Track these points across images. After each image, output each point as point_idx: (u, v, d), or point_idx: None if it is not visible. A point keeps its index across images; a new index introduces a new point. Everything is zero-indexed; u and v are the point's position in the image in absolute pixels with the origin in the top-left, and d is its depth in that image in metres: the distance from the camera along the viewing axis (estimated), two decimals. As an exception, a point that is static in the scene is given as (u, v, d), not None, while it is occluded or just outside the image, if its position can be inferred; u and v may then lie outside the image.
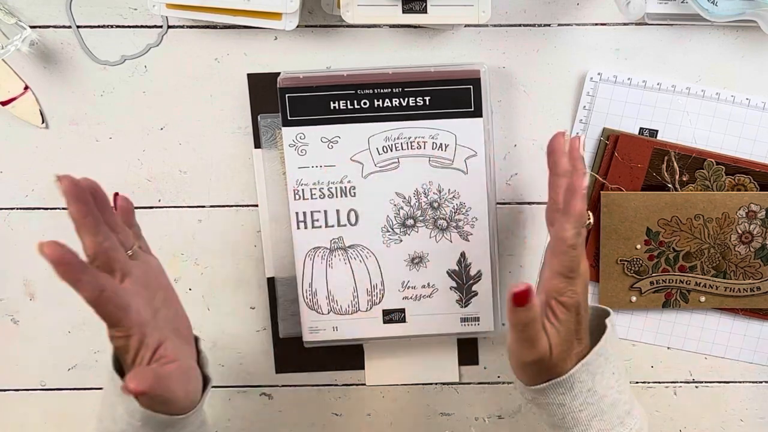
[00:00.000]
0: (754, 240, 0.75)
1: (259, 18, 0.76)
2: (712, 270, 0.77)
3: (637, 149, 0.74)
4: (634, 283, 0.78)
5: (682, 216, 0.75)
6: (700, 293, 0.79)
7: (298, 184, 0.81)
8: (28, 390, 0.89)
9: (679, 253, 0.76)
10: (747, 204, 0.74)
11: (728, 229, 0.75)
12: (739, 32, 0.79)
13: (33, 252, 0.85)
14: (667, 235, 0.75)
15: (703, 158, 0.74)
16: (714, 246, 0.76)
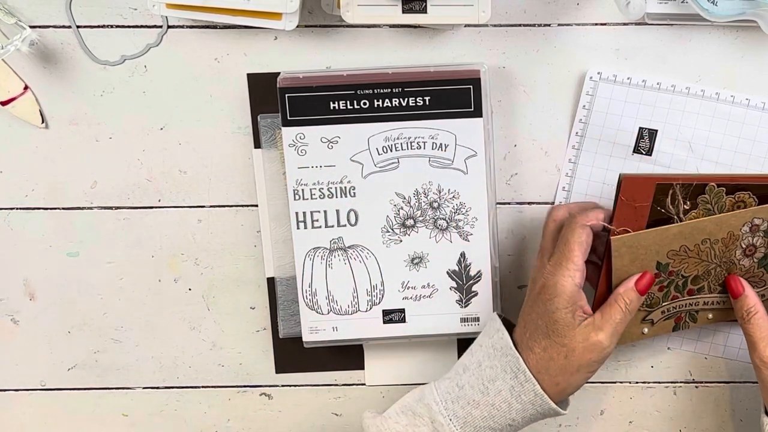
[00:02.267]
0: (758, 251, 0.75)
1: (259, 18, 0.76)
2: (719, 287, 0.77)
3: (641, 188, 0.72)
4: (646, 315, 0.77)
5: (690, 243, 0.74)
6: (707, 311, 0.78)
7: (298, 184, 0.81)
8: (28, 390, 0.89)
9: (687, 278, 0.76)
10: (750, 219, 0.73)
11: (733, 246, 0.74)
12: (739, 32, 0.79)
13: (33, 252, 0.85)
14: (676, 264, 0.74)
15: (704, 183, 0.72)
16: (720, 264, 0.75)
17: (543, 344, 0.72)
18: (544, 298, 0.72)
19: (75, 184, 0.84)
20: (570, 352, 0.71)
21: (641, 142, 0.81)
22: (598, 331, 0.71)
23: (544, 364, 0.72)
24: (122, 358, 0.88)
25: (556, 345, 0.71)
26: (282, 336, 0.86)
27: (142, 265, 0.86)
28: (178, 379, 0.89)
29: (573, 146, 0.82)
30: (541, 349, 0.72)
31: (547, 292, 0.72)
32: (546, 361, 0.72)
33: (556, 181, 0.83)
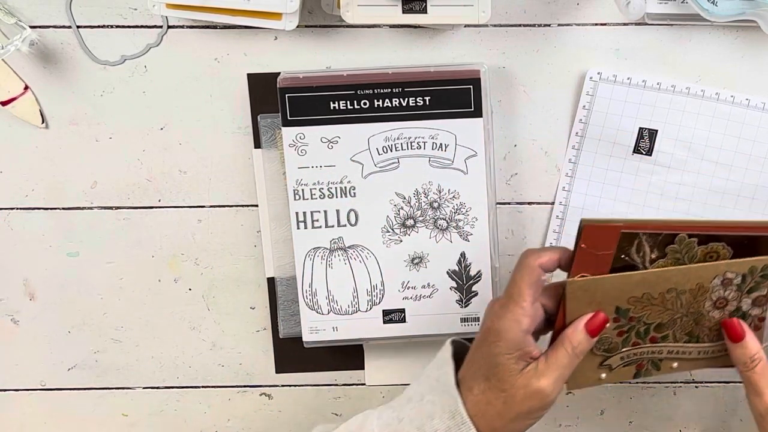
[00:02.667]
0: (729, 304, 0.70)
1: (259, 18, 0.76)
2: (685, 336, 0.71)
3: (604, 236, 0.66)
4: (604, 360, 0.71)
5: (654, 291, 0.68)
6: (672, 360, 0.73)
7: (298, 184, 0.81)
8: (28, 390, 0.89)
9: (650, 325, 0.70)
10: (722, 273, 0.68)
11: (702, 298, 0.69)
12: (739, 32, 0.79)
13: (33, 252, 0.85)
14: (638, 310, 0.69)
15: (675, 233, 0.67)
16: (687, 314, 0.70)
17: (482, 386, 0.67)
18: (489, 341, 0.67)
19: (75, 184, 0.84)
20: (509, 399, 0.66)
21: (641, 142, 0.81)
22: (540, 378, 0.66)
23: (481, 407, 0.67)
24: (122, 358, 0.88)
25: (495, 390, 0.66)
26: (282, 336, 0.86)
27: (142, 265, 0.86)
28: (178, 379, 0.89)
29: (573, 146, 0.82)
30: (480, 392, 0.67)
31: (491, 335, 0.67)
32: (484, 404, 0.67)
33: (556, 181, 0.83)
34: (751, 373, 0.69)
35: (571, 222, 0.83)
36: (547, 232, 0.84)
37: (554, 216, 0.84)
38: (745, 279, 0.68)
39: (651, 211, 0.83)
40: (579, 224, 0.66)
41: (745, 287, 0.68)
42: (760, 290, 0.69)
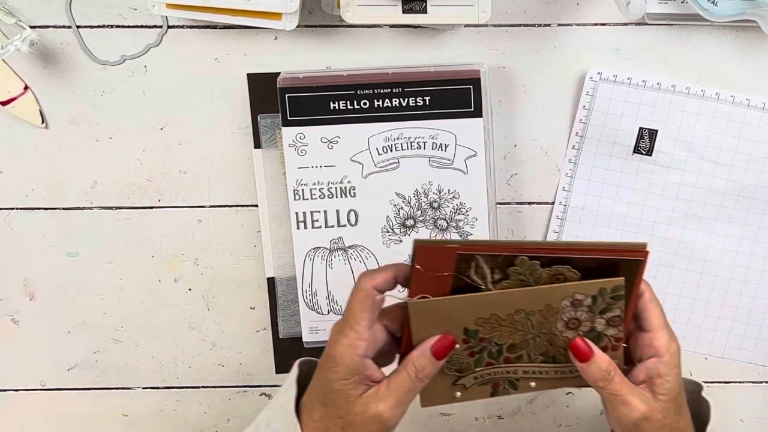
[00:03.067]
0: (582, 325, 0.67)
1: (259, 18, 0.76)
2: (540, 356, 0.68)
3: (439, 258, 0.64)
4: (457, 380, 0.69)
5: (502, 313, 0.66)
6: (529, 380, 0.70)
7: (298, 184, 0.81)
8: (28, 390, 0.89)
9: (502, 346, 0.67)
10: (571, 294, 0.66)
11: (553, 319, 0.67)
12: (739, 32, 0.79)
13: (33, 252, 0.85)
14: (487, 331, 0.66)
15: (515, 255, 0.65)
16: (539, 335, 0.67)
17: (321, 412, 0.65)
18: (326, 366, 0.65)
19: (75, 184, 0.84)
20: (347, 425, 0.64)
21: (641, 142, 0.81)
22: (378, 403, 0.64)
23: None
24: (122, 358, 0.88)
25: (333, 416, 0.65)
26: (282, 336, 0.86)
27: (142, 265, 0.86)
28: (178, 379, 0.89)
29: (573, 146, 0.82)
30: (319, 417, 0.65)
31: (328, 361, 0.65)
32: (323, 430, 0.65)
33: (556, 181, 0.83)
34: (612, 385, 0.66)
35: (571, 222, 0.83)
36: (547, 232, 0.84)
37: (554, 216, 0.84)
38: (596, 300, 0.65)
39: (651, 211, 0.83)
40: (413, 245, 0.64)
41: (596, 308, 0.66)
42: (613, 311, 0.66)
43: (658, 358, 0.66)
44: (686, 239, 0.83)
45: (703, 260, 0.84)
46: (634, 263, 0.65)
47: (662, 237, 0.83)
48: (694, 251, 0.84)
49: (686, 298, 0.85)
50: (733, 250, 0.83)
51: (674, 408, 0.67)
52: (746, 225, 0.83)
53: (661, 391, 0.66)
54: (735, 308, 0.85)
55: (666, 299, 0.84)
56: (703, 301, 0.85)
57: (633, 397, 0.66)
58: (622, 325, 0.67)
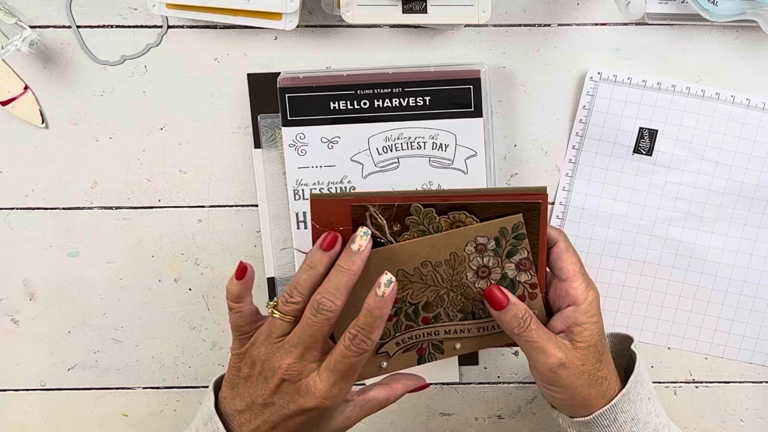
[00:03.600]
0: (492, 272, 0.66)
1: (259, 18, 0.76)
2: (459, 314, 0.68)
3: (334, 211, 0.64)
4: (379, 348, 0.68)
5: (408, 267, 0.65)
6: (453, 340, 0.69)
7: (298, 184, 0.81)
8: (28, 390, 0.89)
9: (417, 305, 0.67)
10: (473, 238, 0.64)
11: (461, 268, 0.66)
12: (739, 32, 0.79)
13: (33, 252, 0.85)
14: (398, 290, 0.65)
15: (408, 204, 0.64)
16: (452, 289, 0.66)
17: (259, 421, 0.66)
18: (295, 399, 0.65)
19: (75, 184, 0.84)
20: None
21: (641, 142, 0.81)
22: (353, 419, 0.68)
23: None
24: (122, 358, 0.88)
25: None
26: (282, 336, 0.86)
27: (142, 265, 0.86)
28: (178, 379, 0.89)
29: (573, 146, 0.82)
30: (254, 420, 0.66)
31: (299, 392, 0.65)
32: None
33: (556, 181, 0.83)
34: (527, 332, 0.66)
35: (571, 222, 0.83)
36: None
37: (554, 216, 0.84)
38: (499, 242, 0.65)
39: (651, 211, 0.83)
40: (309, 200, 0.64)
41: (502, 251, 0.65)
42: (520, 252, 0.65)
43: (575, 306, 0.67)
44: (686, 239, 0.83)
45: (703, 260, 0.84)
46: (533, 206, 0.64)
47: (662, 237, 0.83)
48: (694, 251, 0.84)
49: (686, 298, 0.85)
50: (733, 250, 0.83)
51: (594, 355, 0.67)
52: (746, 225, 0.83)
53: (579, 338, 0.66)
54: (735, 308, 0.85)
55: (666, 299, 0.84)
56: (703, 301, 0.85)
57: (549, 345, 0.66)
58: (533, 269, 0.66)
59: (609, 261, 0.84)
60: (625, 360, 0.73)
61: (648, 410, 0.69)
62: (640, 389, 0.69)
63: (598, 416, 0.67)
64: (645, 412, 0.68)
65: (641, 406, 0.68)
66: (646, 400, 0.69)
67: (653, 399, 0.70)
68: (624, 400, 0.67)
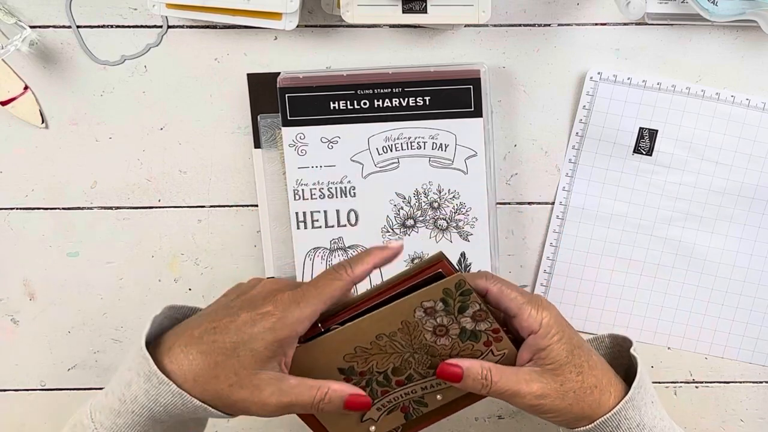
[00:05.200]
0: (450, 329, 0.66)
1: (259, 18, 0.76)
2: (430, 370, 0.67)
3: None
4: (363, 416, 0.68)
5: (364, 343, 0.65)
6: (432, 394, 0.69)
7: (298, 184, 0.81)
8: (28, 390, 0.89)
9: (385, 371, 0.67)
10: (419, 304, 0.64)
11: (417, 333, 0.65)
12: (739, 32, 0.79)
13: (33, 252, 0.85)
14: (362, 364, 0.66)
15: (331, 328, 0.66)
16: (416, 351, 0.66)
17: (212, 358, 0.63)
18: (260, 322, 0.63)
19: (75, 184, 0.84)
20: (235, 386, 0.63)
21: (641, 142, 0.81)
22: (275, 394, 0.63)
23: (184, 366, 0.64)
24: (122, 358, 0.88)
25: (227, 369, 0.63)
26: (282, 336, 0.86)
27: (142, 265, 0.86)
28: (178, 379, 0.89)
29: (573, 146, 0.82)
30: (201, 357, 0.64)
31: (265, 319, 0.63)
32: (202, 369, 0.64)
33: (556, 181, 0.83)
34: (495, 387, 0.66)
35: (571, 222, 0.83)
36: (547, 232, 0.84)
37: (554, 216, 0.84)
38: (447, 302, 0.64)
39: (651, 211, 0.83)
40: None
41: (453, 309, 0.65)
42: (472, 306, 0.65)
43: (534, 335, 0.67)
44: (686, 239, 0.83)
45: (703, 260, 0.84)
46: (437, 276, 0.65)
47: (662, 237, 0.83)
48: (694, 251, 0.84)
49: (686, 298, 0.85)
50: (733, 250, 0.83)
51: (571, 371, 0.66)
52: (746, 225, 0.83)
53: (548, 361, 0.66)
54: (735, 308, 0.85)
55: (666, 299, 0.84)
56: (703, 301, 0.85)
57: (520, 385, 0.66)
58: (490, 317, 0.66)
59: (609, 261, 0.84)
60: (625, 361, 0.72)
61: (653, 414, 0.68)
62: (644, 394, 0.68)
63: (600, 425, 0.66)
64: (650, 417, 0.68)
65: (646, 411, 0.68)
66: (650, 404, 0.68)
67: (656, 403, 0.70)
68: (628, 407, 0.67)
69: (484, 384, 0.66)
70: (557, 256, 0.84)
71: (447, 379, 0.67)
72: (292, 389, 0.64)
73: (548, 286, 0.85)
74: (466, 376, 0.66)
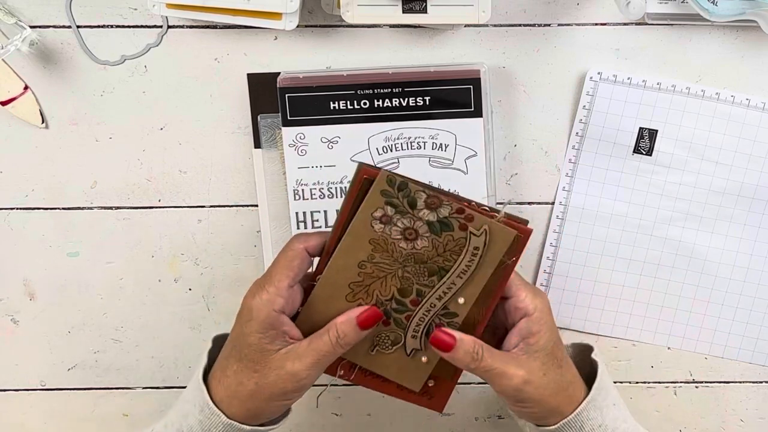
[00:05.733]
0: (417, 228, 0.65)
1: (259, 18, 0.76)
2: (433, 278, 0.67)
3: None
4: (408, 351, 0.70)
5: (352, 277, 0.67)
6: (452, 300, 0.68)
7: (298, 184, 0.81)
8: (28, 390, 0.89)
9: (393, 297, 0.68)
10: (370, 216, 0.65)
11: (390, 245, 0.66)
12: (739, 32, 0.79)
13: (33, 252, 0.85)
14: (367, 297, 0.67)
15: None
16: (404, 264, 0.66)
17: (235, 367, 0.66)
18: (242, 319, 0.67)
19: (75, 184, 0.84)
20: (261, 379, 0.65)
21: (641, 142, 0.81)
22: (296, 361, 0.65)
23: (233, 389, 0.66)
24: (122, 358, 0.88)
25: (248, 370, 0.66)
26: (282, 336, 0.86)
27: (142, 265, 0.86)
28: (178, 379, 0.89)
29: (573, 146, 0.82)
30: (233, 372, 0.66)
31: (244, 313, 0.67)
32: (235, 386, 0.66)
33: (556, 181, 0.83)
34: (483, 363, 0.66)
35: (571, 222, 0.83)
36: (548, 232, 0.84)
37: (554, 216, 0.84)
38: (393, 204, 0.64)
39: (651, 211, 0.83)
40: None
41: (405, 208, 0.65)
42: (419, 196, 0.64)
43: (527, 318, 0.67)
44: (686, 239, 0.83)
45: (703, 260, 0.84)
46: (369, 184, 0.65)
47: (662, 237, 0.83)
48: (694, 251, 0.84)
49: (686, 298, 0.85)
50: (733, 250, 0.83)
51: (553, 362, 0.67)
52: (746, 225, 0.83)
53: (536, 348, 0.67)
54: (735, 308, 0.85)
55: (666, 299, 0.84)
56: (703, 301, 0.85)
57: (508, 366, 0.66)
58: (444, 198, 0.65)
59: (609, 261, 0.84)
60: (587, 369, 0.72)
61: (615, 416, 0.69)
62: (605, 396, 0.69)
63: (564, 425, 0.67)
64: (612, 418, 0.69)
65: (608, 413, 0.69)
66: (611, 406, 0.69)
67: (619, 405, 0.70)
68: (589, 408, 0.68)
69: (474, 358, 0.66)
70: (557, 256, 0.84)
71: (438, 347, 0.67)
72: (308, 348, 0.66)
73: (548, 286, 0.85)
74: (457, 347, 0.66)
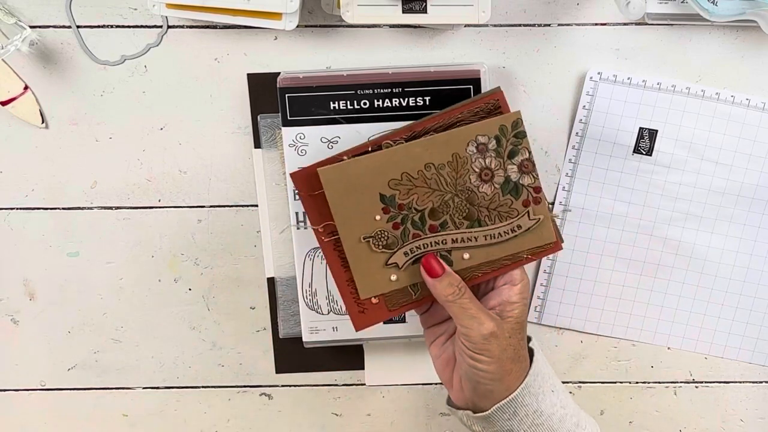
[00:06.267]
0: (495, 175, 0.67)
1: (259, 18, 0.76)
2: (465, 221, 0.69)
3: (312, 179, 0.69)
4: (388, 258, 0.70)
5: (412, 170, 0.67)
6: (461, 250, 0.70)
7: (298, 184, 0.81)
8: (28, 390, 0.89)
9: (423, 212, 0.69)
10: (474, 137, 0.66)
11: (464, 171, 0.67)
12: (739, 32, 0.79)
13: (33, 252, 0.85)
14: (404, 195, 0.68)
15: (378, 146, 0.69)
16: (457, 194, 0.68)
17: None
18: None
19: (75, 184, 0.84)
20: None
21: (641, 142, 0.81)
22: None
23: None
24: (122, 358, 0.88)
25: None
26: (282, 336, 0.86)
27: (142, 265, 0.86)
28: (178, 379, 0.89)
29: (573, 146, 0.82)
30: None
31: None
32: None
33: (556, 181, 0.83)
34: (462, 299, 0.69)
35: (571, 222, 0.83)
36: (547, 232, 0.84)
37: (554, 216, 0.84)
38: (500, 141, 0.66)
39: (651, 211, 0.83)
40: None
41: (503, 152, 0.67)
42: (521, 153, 0.67)
43: (511, 285, 0.71)
44: (686, 239, 0.83)
45: (703, 260, 0.84)
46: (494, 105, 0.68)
47: (662, 237, 0.83)
48: (694, 251, 0.84)
49: (686, 298, 0.85)
50: (733, 250, 0.83)
51: (519, 333, 0.70)
52: (746, 225, 0.83)
53: (510, 315, 0.70)
54: (735, 308, 0.85)
55: (666, 299, 0.84)
56: (703, 301, 0.85)
57: (482, 314, 0.69)
58: (535, 171, 0.68)
59: (609, 261, 0.84)
60: None
61: (552, 402, 0.71)
62: (541, 382, 0.71)
63: (497, 410, 0.69)
64: (549, 404, 0.70)
65: (544, 399, 0.70)
66: (549, 393, 0.71)
67: (558, 392, 0.72)
68: (524, 394, 0.69)
69: (455, 292, 0.69)
70: (557, 255, 0.84)
71: (427, 271, 0.70)
72: None
73: (548, 286, 0.85)
74: (444, 277, 0.70)
